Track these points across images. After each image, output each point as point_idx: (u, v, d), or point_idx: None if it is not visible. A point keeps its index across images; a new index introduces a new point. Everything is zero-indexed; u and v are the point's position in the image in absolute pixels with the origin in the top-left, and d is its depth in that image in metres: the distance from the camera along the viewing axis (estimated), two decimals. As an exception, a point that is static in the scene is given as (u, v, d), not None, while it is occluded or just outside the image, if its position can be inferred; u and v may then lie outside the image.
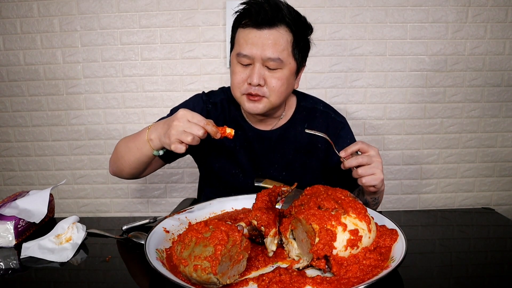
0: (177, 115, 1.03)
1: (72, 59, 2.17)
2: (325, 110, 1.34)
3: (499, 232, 1.14)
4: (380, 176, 1.06)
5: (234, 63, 1.18)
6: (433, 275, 0.87)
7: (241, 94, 1.18)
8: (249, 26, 1.13)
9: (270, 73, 1.14)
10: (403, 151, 2.26)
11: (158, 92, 2.20)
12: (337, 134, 1.31)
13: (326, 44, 2.14)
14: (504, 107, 2.22)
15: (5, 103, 2.23)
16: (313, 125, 1.30)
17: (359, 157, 1.06)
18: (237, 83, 1.17)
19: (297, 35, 1.16)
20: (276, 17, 1.11)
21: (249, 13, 1.13)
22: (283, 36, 1.13)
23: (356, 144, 1.07)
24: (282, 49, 1.12)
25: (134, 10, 2.12)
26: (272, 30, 1.11)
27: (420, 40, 2.13)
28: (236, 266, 0.79)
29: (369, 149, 1.06)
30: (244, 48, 1.13)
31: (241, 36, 1.15)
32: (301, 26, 1.18)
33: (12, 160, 2.30)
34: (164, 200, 2.32)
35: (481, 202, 2.31)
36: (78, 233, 1.05)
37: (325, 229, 0.80)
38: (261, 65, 1.13)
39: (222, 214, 1.11)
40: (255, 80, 1.13)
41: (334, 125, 1.32)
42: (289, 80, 1.18)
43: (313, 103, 1.35)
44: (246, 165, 1.30)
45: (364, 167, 1.05)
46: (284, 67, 1.15)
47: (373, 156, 1.05)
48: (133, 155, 1.18)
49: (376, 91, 2.19)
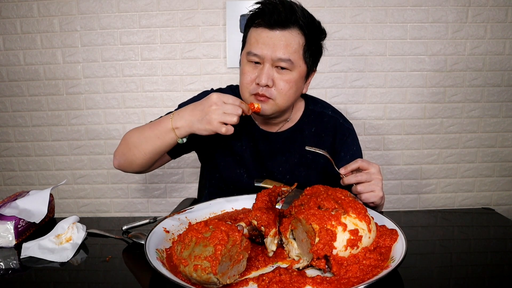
0: (211, 99, 1.05)
1: (72, 59, 2.17)
2: (333, 116, 1.33)
3: (499, 232, 1.14)
4: (379, 193, 1.06)
5: (244, 62, 1.18)
6: (433, 276, 0.87)
7: (249, 94, 1.17)
8: (262, 26, 1.13)
9: (279, 75, 1.14)
10: (403, 151, 2.26)
11: (158, 92, 2.20)
12: (344, 141, 1.30)
13: (326, 44, 2.14)
14: (504, 107, 2.22)
15: (5, 103, 2.24)
16: (320, 129, 1.30)
17: (359, 175, 1.06)
18: (246, 83, 1.17)
19: (309, 39, 1.16)
20: (290, 19, 1.11)
21: (262, 13, 1.13)
22: (295, 38, 1.13)
23: (356, 162, 1.07)
24: (293, 51, 1.12)
25: (134, 10, 2.12)
26: (284, 32, 1.11)
27: (420, 40, 2.13)
28: (236, 266, 0.79)
29: (370, 166, 1.06)
30: (255, 47, 1.13)
31: (253, 35, 1.15)
32: (314, 30, 1.17)
33: (12, 160, 2.30)
34: (164, 200, 2.32)
35: (481, 202, 2.31)
36: (78, 233, 1.05)
37: (325, 229, 0.80)
38: (271, 65, 1.13)
39: (222, 214, 1.11)
40: (264, 81, 1.12)
41: (342, 131, 1.31)
42: (298, 84, 1.17)
43: (322, 107, 1.34)
44: (251, 165, 1.29)
45: (364, 184, 1.06)
46: (294, 69, 1.14)
47: (373, 173, 1.06)
48: (152, 144, 1.16)
49: (376, 91, 2.19)
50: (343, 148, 1.28)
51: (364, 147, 2.24)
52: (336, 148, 1.30)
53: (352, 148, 1.30)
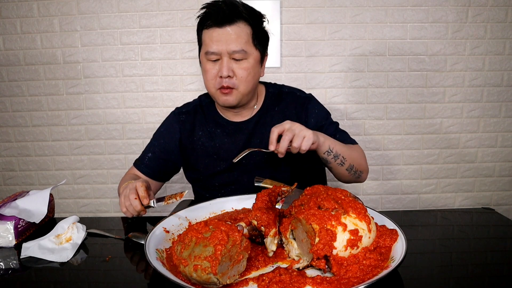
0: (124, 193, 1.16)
1: (72, 59, 2.17)
2: (290, 91, 1.43)
3: (499, 232, 1.14)
4: (309, 134, 1.13)
5: (204, 61, 1.29)
6: (433, 275, 0.87)
7: (215, 89, 1.28)
8: (212, 26, 1.24)
9: (237, 65, 1.25)
10: (403, 151, 2.26)
11: (158, 92, 2.20)
12: (305, 109, 1.39)
13: (326, 44, 2.14)
14: (504, 107, 2.22)
15: (5, 103, 2.23)
16: (282, 107, 1.39)
17: (285, 137, 1.12)
18: (210, 79, 1.28)
19: (255, 27, 1.27)
20: (234, 14, 1.23)
21: (210, 15, 1.25)
22: (243, 30, 1.24)
23: (273, 132, 1.14)
24: (245, 41, 1.24)
25: (134, 10, 2.12)
26: (232, 26, 1.23)
27: (420, 40, 2.13)
28: (236, 266, 0.79)
29: (284, 125, 1.14)
30: (211, 46, 1.24)
31: (207, 36, 1.26)
32: (257, 19, 1.28)
33: (12, 160, 2.30)
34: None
35: (481, 202, 2.31)
36: (78, 233, 1.05)
37: (325, 229, 0.80)
38: (228, 58, 1.24)
39: (222, 214, 1.11)
40: (225, 72, 1.24)
41: (301, 102, 1.40)
42: (255, 69, 1.29)
43: (279, 87, 1.45)
44: (231, 159, 1.32)
45: (294, 139, 1.12)
46: (249, 57, 1.26)
47: (290, 127, 1.13)
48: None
49: (376, 91, 2.19)
50: (307, 115, 1.38)
51: (364, 147, 2.24)
52: (302, 118, 1.38)
53: (314, 111, 1.39)
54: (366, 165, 1.37)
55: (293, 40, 2.14)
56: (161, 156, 1.41)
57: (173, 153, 1.42)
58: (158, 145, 1.42)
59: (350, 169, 1.30)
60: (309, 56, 2.15)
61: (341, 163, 1.26)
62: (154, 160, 1.41)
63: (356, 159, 1.31)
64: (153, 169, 1.42)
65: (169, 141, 1.42)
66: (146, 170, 1.41)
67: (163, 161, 1.42)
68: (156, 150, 1.42)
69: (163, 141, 1.42)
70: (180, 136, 1.41)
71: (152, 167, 1.41)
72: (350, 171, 1.30)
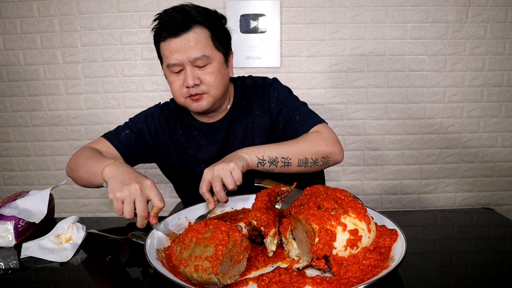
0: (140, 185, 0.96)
1: (72, 59, 2.17)
2: (253, 82, 1.39)
3: (499, 232, 1.14)
4: (232, 165, 1.02)
5: (168, 74, 1.24)
6: (433, 275, 0.87)
7: (184, 98, 1.23)
8: (168, 37, 1.19)
9: (201, 71, 1.20)
10: (403, 151, 2.26)
11: (158, 92, 2.20)
12: (266, 96, 1.34)
13: (326, 44, 2.14)
14: (504, 107, 2.22)
15: (5, 103, 2.24)
16: (249, 99, 1.35)
17: (215, 188, 1.02)
18: (176, 90, 1.23)
19: (212, 29, 1.21)
20: (188, 20, 1.18)
21: (163, 26, 1.20)
22: (200, 34, 1.19)
23: (204, 194, 1.03)
24: (204, 46, 1.19)
25: (134, 10, 2.12)
26: (189, 33, 1.18)
27: (420, 40, 2.13)
28: (237, 266, 0.79)
29: (206, 177, 1.03)
30: (171, 58, 1.19)
31: (165, 49, 1.21)
32: (213, 20, 1.23)
33: (12, 160, 2.30)
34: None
35: (481, 202, 2.31)
36: (78, 233, 1.05)
37: (324, 229, 0.80)
38: (191, 66, 1.19)
39: (221, 214, 1.11)
40: (190, 82, 1.18)
41: (263, 89, 1.36)
42: (221, 71, 1.24)
43: (243, 79, 1.41)
44: (212, 160, 1.27)
45: (224, 182, 1.02)
46: (212, 61, 1.21)
47: (212, 174, 1.02)
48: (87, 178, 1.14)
49: (376, 91, 2.19)
50: (268, 101, 1.33)
51: (364, 147, 2.24)
52: (265, 106, 1.33)
53: (274, 96, 1.33)
54: (332, 147, 1.20)
55: (293, 40, 2.14)
56: (139, 136, 1.31)
57: (151, 139, 1.33)
58: (138, 124, 1.32)
59: (305, 163, 1.18)
60: (309, 56, 2.15)
61: (285, 164, 1.15)
62: (130, 139, 1.30)
63: (308, 148, 1.17)
64: (128, 147, 1.28)
65: (152, 125, 1.33)
66: (119, 146, 1.27)
67: (139, 142, 1.31)
68: (135, 129, 1.31)
69: (145, 125, 1.33)
70: (162, 128, 1.34)
71: (127, 144, 1.28)
72: (306, 164, 1.18)
